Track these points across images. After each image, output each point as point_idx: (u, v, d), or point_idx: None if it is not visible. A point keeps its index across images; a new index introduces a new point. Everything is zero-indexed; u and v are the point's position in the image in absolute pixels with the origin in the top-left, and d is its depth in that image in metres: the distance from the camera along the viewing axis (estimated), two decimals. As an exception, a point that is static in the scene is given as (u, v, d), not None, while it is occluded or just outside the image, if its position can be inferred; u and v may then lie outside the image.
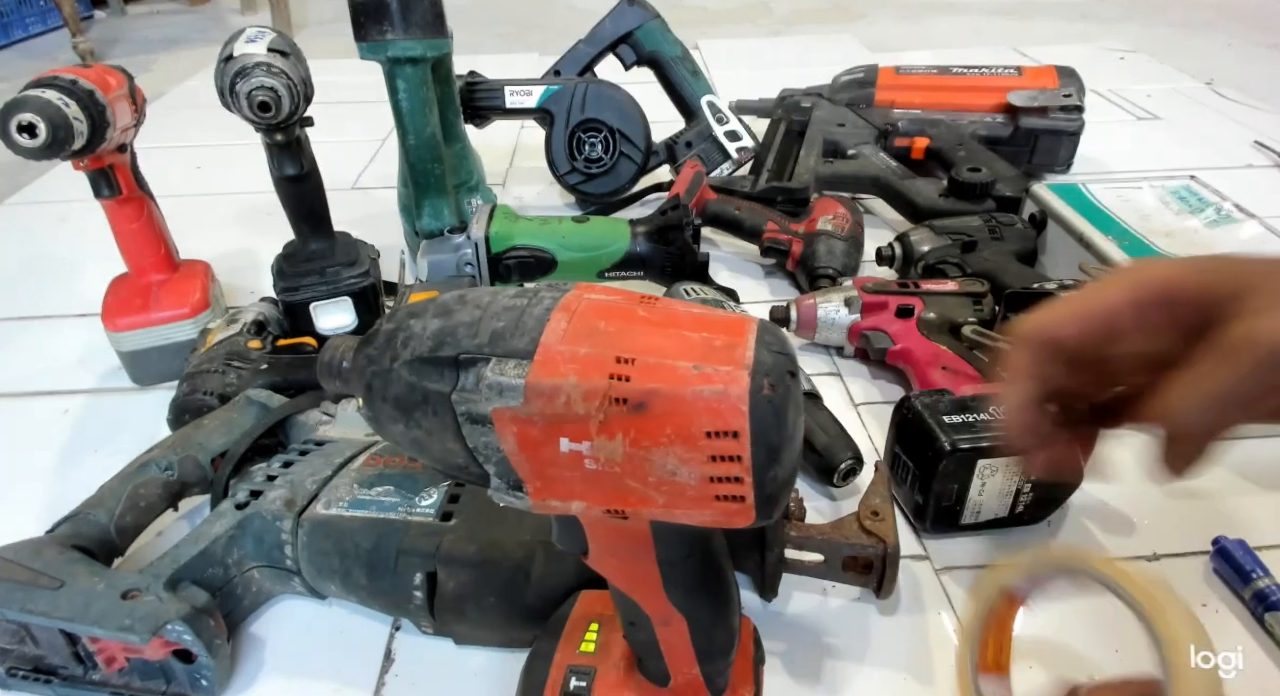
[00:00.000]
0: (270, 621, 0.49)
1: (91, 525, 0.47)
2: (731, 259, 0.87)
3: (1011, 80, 1.00)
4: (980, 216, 0.78)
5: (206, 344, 0.64)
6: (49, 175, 1.13)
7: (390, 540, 0.45)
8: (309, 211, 0.68)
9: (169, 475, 0.51)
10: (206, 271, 0.74)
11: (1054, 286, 0.62)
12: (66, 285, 0.86)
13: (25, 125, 0.54)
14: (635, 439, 0.22)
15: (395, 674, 0.46)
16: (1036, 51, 1.53)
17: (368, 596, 0.46)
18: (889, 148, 0.97)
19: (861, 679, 0.45)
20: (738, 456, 0.22)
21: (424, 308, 0.26)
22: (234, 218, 0.99)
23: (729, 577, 0.32)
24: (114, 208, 0.66)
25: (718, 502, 0.23)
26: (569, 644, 0.40)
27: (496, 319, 0.24)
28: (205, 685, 0.43)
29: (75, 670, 0.44)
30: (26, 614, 0.41)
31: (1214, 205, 0.79)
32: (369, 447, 0.52)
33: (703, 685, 0.35)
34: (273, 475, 0.50)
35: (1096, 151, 1.04)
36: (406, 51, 0.70)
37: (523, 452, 0.24)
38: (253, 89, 0.57)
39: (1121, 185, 0.83)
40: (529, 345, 0.23)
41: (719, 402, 0.22)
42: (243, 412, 0.56)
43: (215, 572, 0.46)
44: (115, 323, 0.67)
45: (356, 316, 0.69)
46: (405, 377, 0.25)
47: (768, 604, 0.49)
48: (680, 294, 0.67)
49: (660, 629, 0.32)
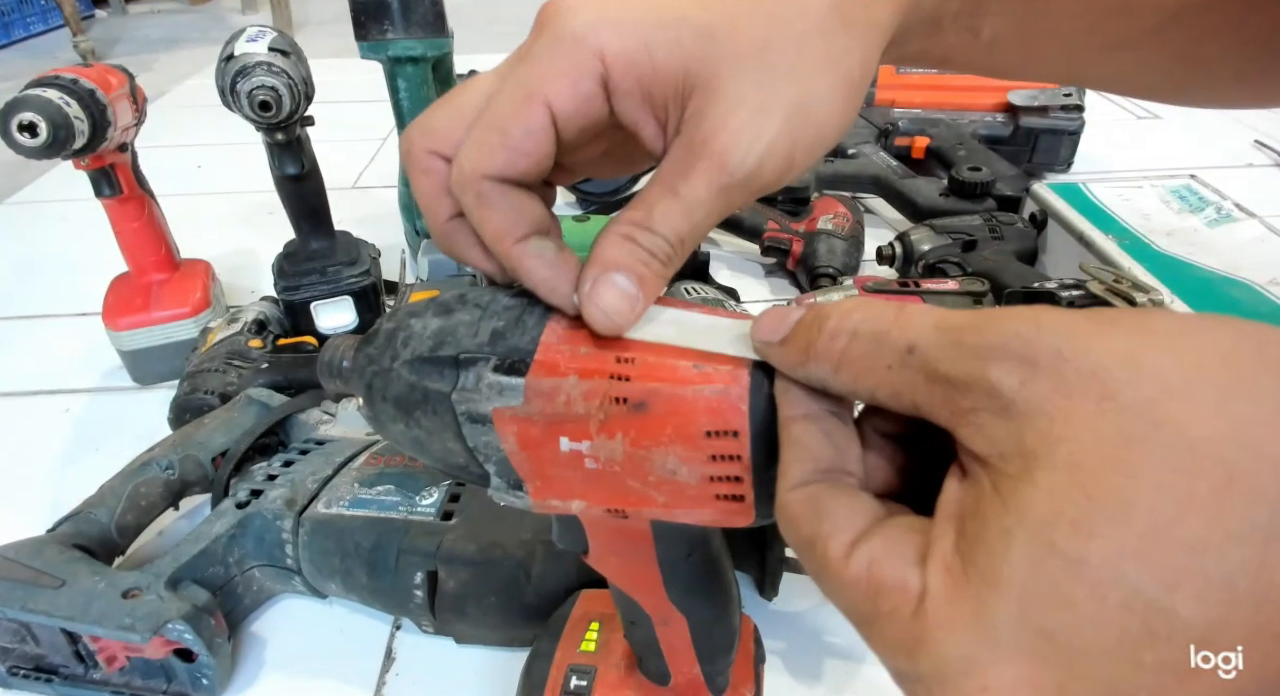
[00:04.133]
0: (271, 620, 0.49)
1: (92, 524, 0.47)
2: (732, 258, 0.87)
3: (1012, 79, 1.00)
4: (980, 216, 0.78)
5: (207, 343, 0.64)
6: (49, 174, 1.13)
7: (391, 539, 0.45)
8: (310, 210, 0.68)
9: (170, 474, 0.51)
10: (207, 271, 0.74)
11: (1054, 286, 0.62)
12: (67, 284, 0.86)
13: (26, 124, 0.54)
14: (635, 438, 0.22)
15: (396, 673, 0.46)
16: (1037, 50, 1.53)
17: (368, 595, 0.47)
18: (889, 147, 0.97)
19: (861, 678, 0.45)
20: (738, 456, 0.22)
21: (424, 307, 0.26)
22: (235, 217, 0.99)
23: (729, 577, 0.32)
24: (115, 207, 0.66)
25: (718, 502, 0.23)
26: (569, 643, 0.40)
27: (497, 318, 0.24)
28: (206, 684, 0.43)
29: (76, 669, 0.44)
30: (27, 613, 0.41)
31: (1214, 204, 0.79)
32: (369, 447, 0.52)
33: (703, 684, 0.35)
34: (273, 474, 0.50)
35: (1097, 151, 1.04)
36: (407, 51, 0.70)
37: (523, 452, 0.24)
38: (253, 88, 0.57)
39: (1122, 184, 0.83)
40: (529, 344, 0.23)
41: (719, 402, 0.22)
42: (243, 412, 0.56)
43: (216, 571, 0.46)
44: (116, 322, 0.67)
45: (357, 315, 0.69)
46: (405, 377, 0.25)
47: (768, 603, 0.49)
48: (681, 293, 0.67)
49: (660, 628, 0.32)
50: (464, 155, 0.23)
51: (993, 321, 0.16)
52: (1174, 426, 0.14)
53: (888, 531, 0.18)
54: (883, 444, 0.21)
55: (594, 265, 0.23)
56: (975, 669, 0.15)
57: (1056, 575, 0.14)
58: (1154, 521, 0.14)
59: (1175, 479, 0.14)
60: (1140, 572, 0.14)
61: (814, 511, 0.19)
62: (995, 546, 0.15)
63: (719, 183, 0.23)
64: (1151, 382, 0.14)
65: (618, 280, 0.23)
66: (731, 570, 0.33)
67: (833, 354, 0.19)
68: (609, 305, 0.23)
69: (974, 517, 0.16)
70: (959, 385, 0.16)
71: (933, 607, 0.16)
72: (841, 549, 0.18)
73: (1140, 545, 0.14)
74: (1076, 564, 0.14)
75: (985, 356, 0.16)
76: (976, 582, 0.15)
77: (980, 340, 0.16)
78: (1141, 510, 0.14)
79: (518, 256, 0.24)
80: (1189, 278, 0.66)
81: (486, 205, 0.24)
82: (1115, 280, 0.59)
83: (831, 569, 0.18)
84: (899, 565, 0.17)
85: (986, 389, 0.16)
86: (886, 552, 0.17)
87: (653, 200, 0.23)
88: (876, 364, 0.18)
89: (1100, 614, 0.14)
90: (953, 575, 0.16)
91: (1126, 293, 0.58)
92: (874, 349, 0.18)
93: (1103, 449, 0.14)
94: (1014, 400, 0.15)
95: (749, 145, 0.23)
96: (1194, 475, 0.14)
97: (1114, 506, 0.14)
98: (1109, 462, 0.14)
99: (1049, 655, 0.14)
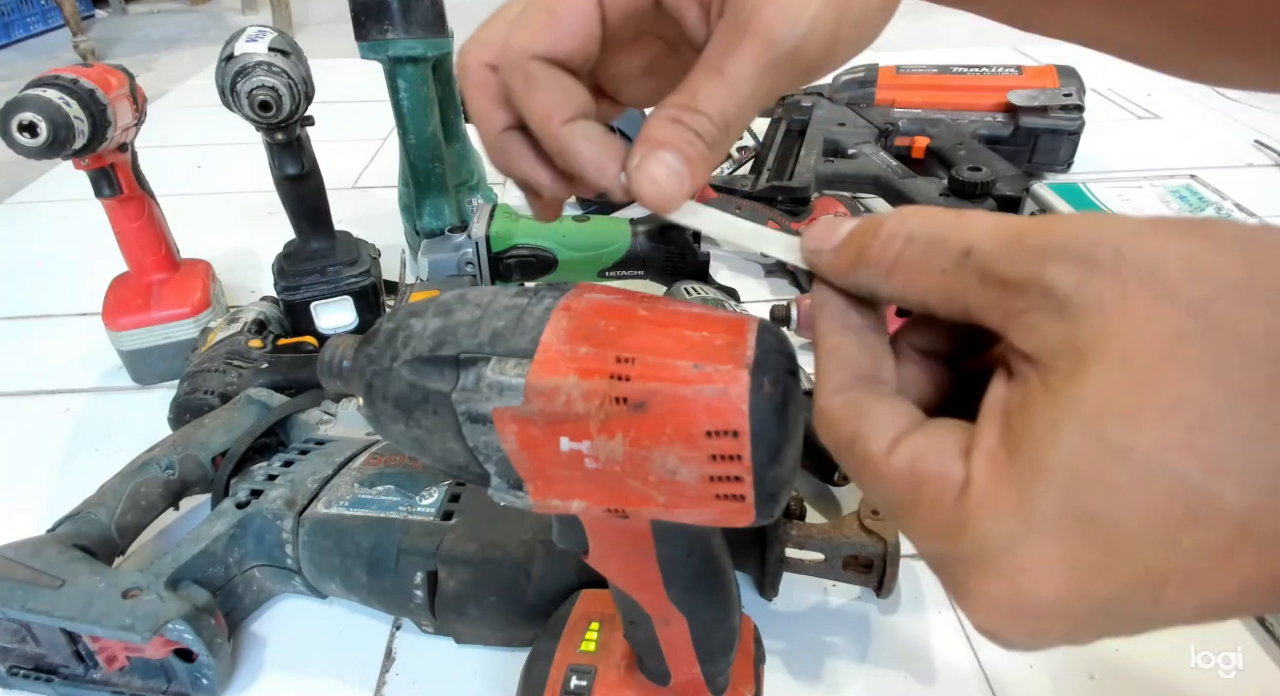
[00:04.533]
0: (271, 620, 0.49)
1: (92, 524, 0.47)
2: (732, 258, 0.87)
3: (1012, 79, 1.00)
4: (981, 216, 0.78)
5: (207, 343, 0.64)
6: (50, 174, 1.13)
7: (391, 539, 0.45)
8: (310, 210, 0.68)
9: (170, 474, 0.51)
10: (207, 270, 0.74)
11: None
12: (67, 284, 0.86)
13: (26, 124, 0.54)
14: (635, 438, 0.22)
15: (396, 673, 0.46)
16: (1037, 50, 1.53)
17: (368, 595, 0.47)
18: (889, 147, 0.97)
19: (861, 678, 0.45)
20: (738, 455, 0.22)
21: (424, 307, 0.26)
22: (235, 217, 0.99)
23: (729, 576, 0.32)
24: (115, 207, 0.66)
25: (718, 501, 0.23)
26: (569, 643, 0.40)
27: (497, 318, 0.24)
28: (206, 684, 0.43)
29: (76, 669, 0.44)
30: (27, 613, 0.41)
31: (1214, 204, 0.79)
32: (369, 447, 0.52)
33: (703, 684, 0.35)
34: (273, 474, 0.50)
35: (1097, 151, 1.04)
36: (407, 51, 0.70)
37: (523, 452, 0.24)
38: (253, 88, 0.57)
39: (1122, 184, 0.83)
40: (529, 344, 0.23)
41: (719, 402, 0.22)
42: (243, 412, 0.56)
43: (216, 571, 0.46)
44: (116, 322, 0.67)
45: (357, 315, 0.69)
46: (406, 377, 0.25)
47: (768, 603, 0.49)
48: (681, 293, 0.67)
49: (661, 628, 0.32)
50: (513, 37, 0.24)
51: (1056, 222, 0.16)
52: (1229, 324, 0.14)
53: (930, 430, 0.18)
54: (920, 360, 0.21)
55: (642, 144, 0.23)
56: (1017, 547, 0.15)
57: (1102, 461, 0.14)
58: (1204, 413, 0.14)
59: (1227, 373, 0.14)
60: (1186, 460, 0.14)
61: (855, 413, 0.19)
62: (1043, 436, 0.15)
63: (765, 57, 0.23)
64: (1209, 283, 0.14)
65: (666, 157, 0.23)
66: (731, 570, 0.33)
67: (886, 258, 0.19)
68: (659, 177, 0.23)
69: (1021, 413, 0.16)
70: (1015, 285, 0.16)
71: (976, 493, 0.16)
72: (884, 446, 0.18)
73: (1188, 435, 0.14)
74: (1124, 451, 0.14)
75: (1044, 256, 0.16)
76: (1021, 470, 0.15)
77: (1041, 241, 0.16)
78: (1191, 402, 0.14)
79: (565, 137, 0.24)
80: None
81: (535, 86, 0.24)
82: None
83: (874, 465, 0.18)
84: (942, 458, 0.17)
85: (1043, 288, 0.16)
86: (929, 448, 0.17)
87: (698, 82, 0.23)
88: (931, 267, 0.18)
89: (1144, 498, 0.14)
90: (997, 464, 0.16)
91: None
92: (930, 252, 0.18)
93: (1156, 344, 0.14)
94: (1070, 297, 0.15)
95: (795, 16, 0.22)
96: (1246, 369, 0.14)
97: (1164, 398, 0.14)
98: (1162, 357, 0.14)
99: (1090, 536, 0.15)
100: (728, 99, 0.23)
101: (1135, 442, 0.14)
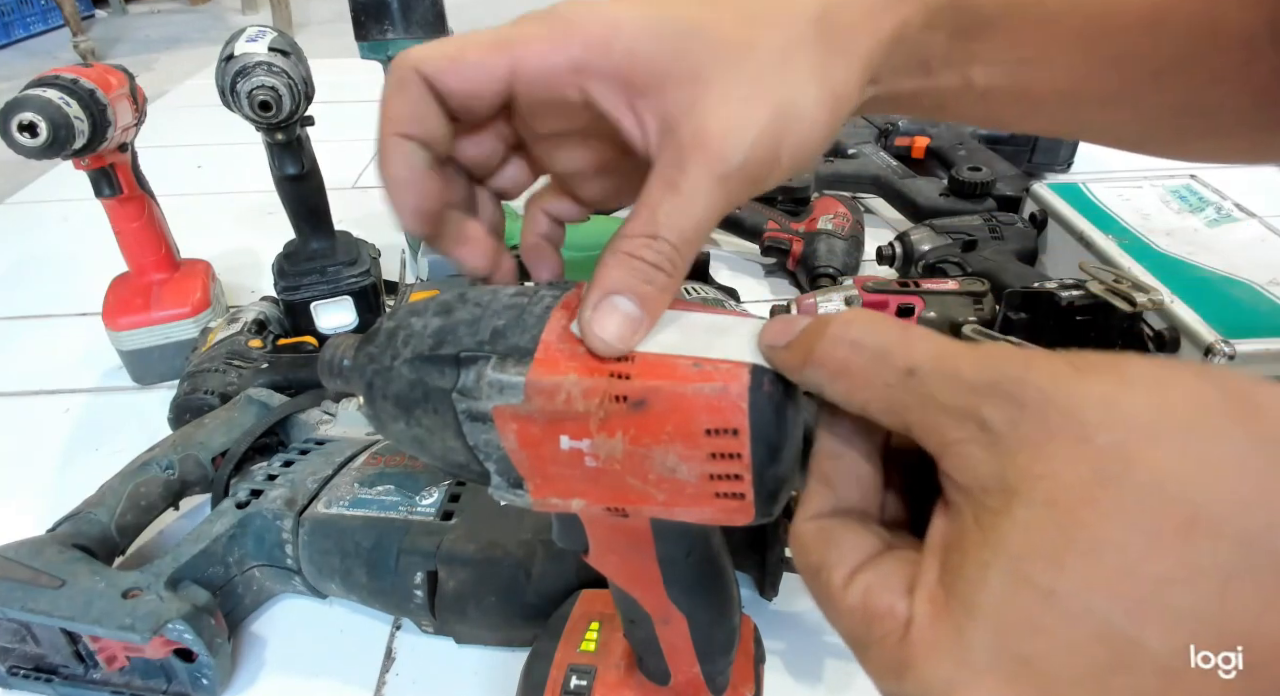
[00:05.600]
0: (271, 620, 0.49)
1: (92, 524, 0.47)
2: (732, 258, 0.87)
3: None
4: (980, 216, 0.78)
5: (207, 343, 0.64)
6: (50, 174, 1.13)
7: (391, 539, 0.45)
8: (310, 210, 0.68)
9: (170, 474, 0.51)
10: (207, 270, 0.74)
11: (1054, 286, 0.62)
12: (67, 284, 0.86)
13: (26, 124, 0.54)
14: (635, 436, 0.22)
15: (396, 672, 0.46)
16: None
17: (368, 595, 0.47)
18: (889, 147, 0.97)
19: (862, 678, 0.44)
20: (738, 454, 0.22)
21: (425, 306, 0.26)
22: (235, 217, 0.99)
23: (729, 576, 0.32)
24: (115, 207, 0.66)
25: (718, 500, 0.23)
26: (569, 643, 0.40)
27: (497, 317, 0.24)
28: (206, 684, 0.43)
29: (76, 669, 0.44)
30: (27, 613, 0.41)
31: (1214, 204, 0.79)
32: (370, 446, 0.52)
33: (703, 684, 0.35)
34: (273, 474, 0.50)
35: (1096, 150, 1.04)
36: (407, 51, 0.70)
37: (523, 450, 0.24)
38: (253, 88, 0.57)
39: (1122, 184, 0.83)
40: (530, 343, 0.23)
41: (719, 400, 0.22)
42: (243, 411, 0.56)
43: (216, 571, 0.46)
44: (116, 322, 0.67)
45: (357, 315, 0.69)
46: (406, 376, 0.25)
47: (768, 603, 0.49)
48: (681, 293, 0.67)
49: (661, 627, 0.32)
50: (429, 48, 0.24)
51: (989, 359, 0.17)
52: (1143, 467, 0.14)
53: (883, 563, 0.19)
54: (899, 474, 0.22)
55: (596, 288, 0.23)
56: (956, 690, 0.16)
57: (1030, 605, 0.15)
58: (1123, 556, 0.14)
59: (1143, 516, 0.14)
60: (1109, 604, 0.14)
61: (824, 541, 0.20)
62: (974, 577, 0.16)
63: (717, 171, 0.23)
64: (1124, 425, 0.15)
65: (620, 303, 0.23)
66: (731, 569, 0.33)
67: (833, 361, 0.19)
68: (611, 328, 0.23)
69: (956, 550, 0.17)
70: (953, 415, 0.17)
71: (917, 634, 0.17)
72: (842, 578, 0.19)
73: (1110, 578, 0.14)
74: (1049, 595, 0.15)
75: (980, 392, 0.17)
76: (957, 611, 0.16)
77: (977, 378, 0.17)
78: (1111, 546, 0.14)
79: (388, 147, 0.24)
80: (1189, 277, 0.66)
81: (401, 92, 0.24)
82: (1115, 280, 0.59)
83: (833, 597, 0.19)
84: (890, 594, 0.18)
85: (978, 422, 0.16)
86: (880, 583, 0.18)
87: (654, 201, 0.23)
88: (875, 379, 0.19)
89: (1072, 642, 0.14)
90: (935, 604, 0.17)
91: (1126, 293, 0.58)
92: (876, 363, 0.19)
93: (1077, 487, 0.15)
94: (1003, 435, 0.16)
95: (740, 131, 0.23)
96: (1160, 513, 0.14)
97: (1086, 541, 0.14)
98: (1082, 500, 0.15)
99: (1024, 679, 0.15)
100: (685, 216, 0.23)
101: (1060, 586, 0.15)
